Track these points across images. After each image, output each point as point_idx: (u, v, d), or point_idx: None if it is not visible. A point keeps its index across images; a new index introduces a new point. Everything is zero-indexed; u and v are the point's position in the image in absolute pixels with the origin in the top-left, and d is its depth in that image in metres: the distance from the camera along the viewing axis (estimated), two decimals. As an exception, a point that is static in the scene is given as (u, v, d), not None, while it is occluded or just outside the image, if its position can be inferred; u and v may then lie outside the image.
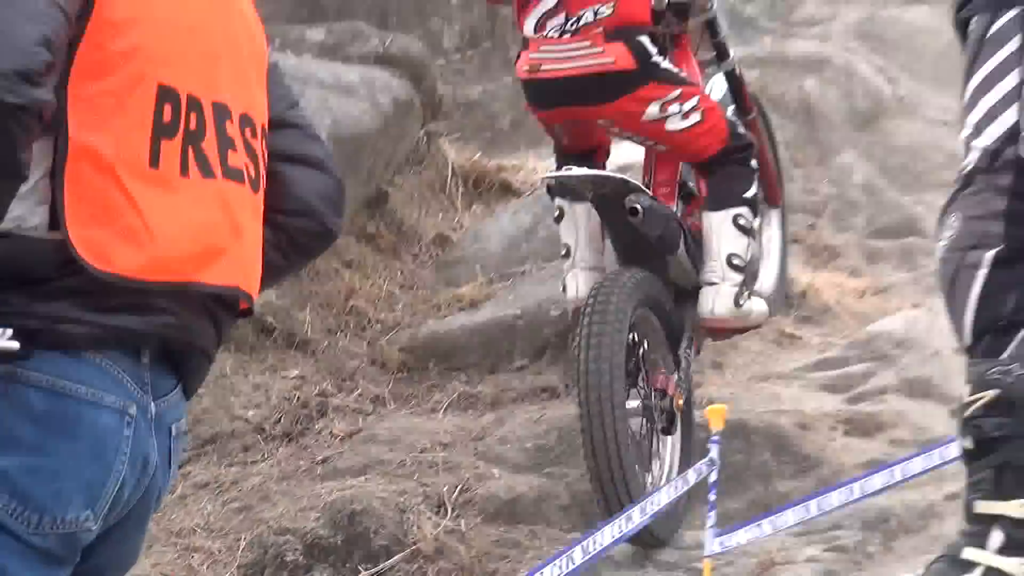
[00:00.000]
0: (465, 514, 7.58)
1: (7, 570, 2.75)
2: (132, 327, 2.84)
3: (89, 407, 2.78)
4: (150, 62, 2.86)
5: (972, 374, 3.59)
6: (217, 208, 2.97)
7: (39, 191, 2.74)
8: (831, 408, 8.48)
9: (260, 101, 3.22)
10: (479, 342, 9.25)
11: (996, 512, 3.55)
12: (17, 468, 2.72)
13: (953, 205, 3.73)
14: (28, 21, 2.57)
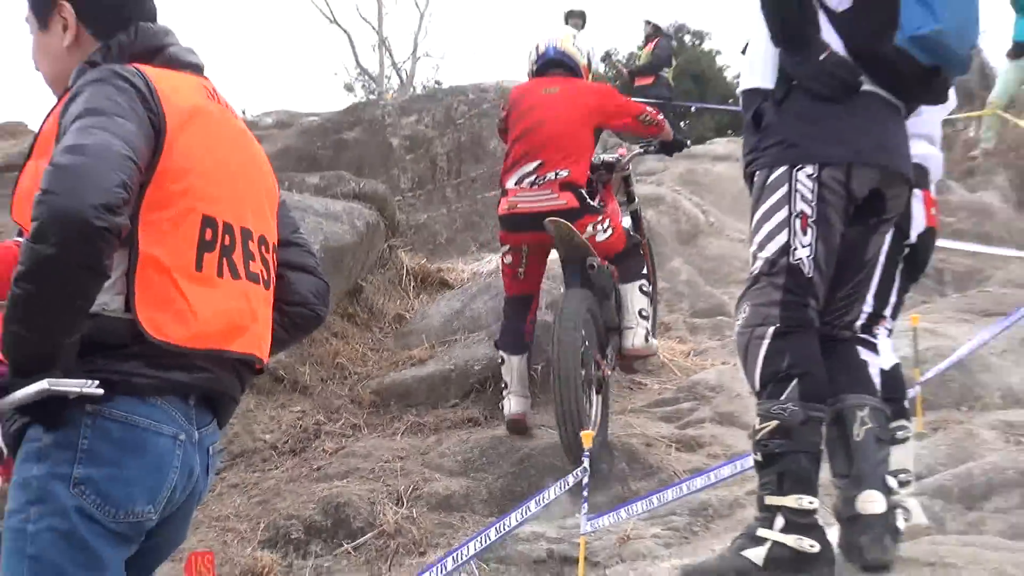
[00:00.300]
0: (416, 505, 7.60)
1: (94, 546, 2.77)
2: (182, 380, 2.90)
3: (152, 435, 2.84)
4: (197, 199, 2.92)
5: (760, 410, 3.84)
6: (242, 300, 3.04)
7: (117, 285, 2.78)
8: (667, 432, 8.52)
9: (272, 226, 3.28)
10: (425, 387, 9.27)
11: (779, 504, 3.81)
12: (102, 477, 2.76)
13: (745, 296, 3.98)
14: (113, 171, 2.61)
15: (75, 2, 3.12)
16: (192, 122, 2.98)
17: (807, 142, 3.96)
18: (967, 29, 3.97)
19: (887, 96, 4.03)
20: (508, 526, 5.80)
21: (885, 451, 4.15)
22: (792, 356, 3.88)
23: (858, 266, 4.18)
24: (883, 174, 4.03)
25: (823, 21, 3.97)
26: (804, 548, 3.76)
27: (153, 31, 3.18)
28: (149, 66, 3.02)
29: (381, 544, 7.29)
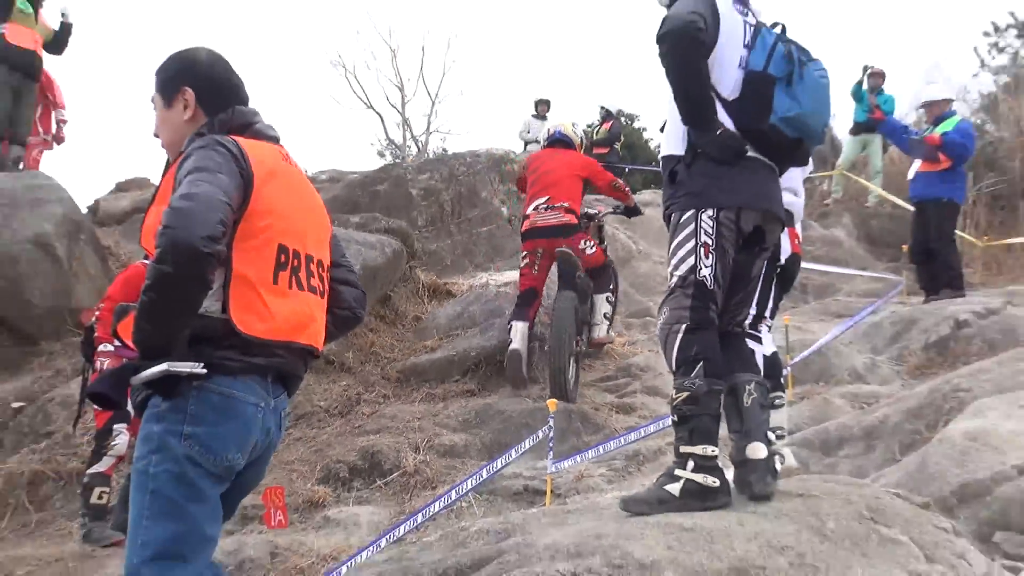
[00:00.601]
0: (429, 452, 7.61)
1: (199, 484, 2.83)
2: (262, 363, 2.96)
3: (240, 403, 2.91)
4: (275, 233, 2.99)
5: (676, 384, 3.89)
6: (305, 306, 3.09)
7: (217, 294, 2.84)
8: (609, 400, 8.57)
9: (326, 253, 3.32)
10: (435, 368, 9.27)
11: (690, 451, 3.83)
12: (204, 433, 2.82)
13: (664, 303, 4.07)
14: (214, 212, 2.69)
15: (196, 89, 3.21)
16: (272, 178, 3.04)
17: (708, 192, 4.00)
18: (821, 112, 4.03)
19: (765, 160, 4.09)
20: (495, 468, 5.81)
21: (766, 414, 4.19)
22: (699, 346, 3.92)
23: (745, 282, 4.22)
24: (763, 215, 4.09)
25: (719, 107, 4.02)
26: (708, 483, 3.81)
27: (244, 112, 3.25)
28: (242, 137, 3.08)
29: (404, 481, 7.29)
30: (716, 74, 4.02)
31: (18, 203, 10.04)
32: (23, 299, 9.65)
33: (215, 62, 3.31)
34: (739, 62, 4.03)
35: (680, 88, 3.99)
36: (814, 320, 11.15)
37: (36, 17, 11.53)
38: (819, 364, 8.82)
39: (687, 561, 3.18)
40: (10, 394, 8.85)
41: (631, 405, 8.43)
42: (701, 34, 3.89)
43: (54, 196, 10.40)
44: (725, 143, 3.96)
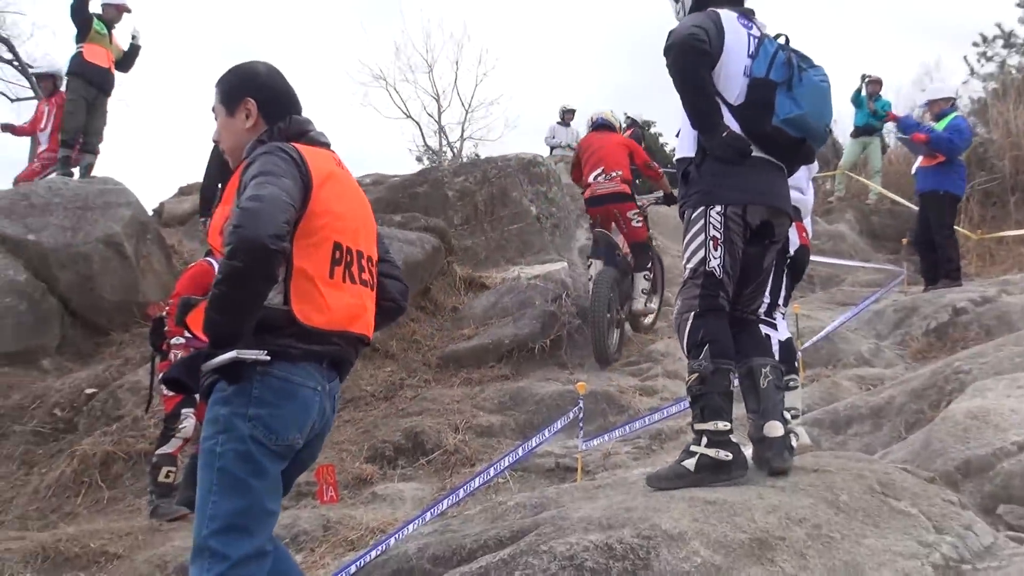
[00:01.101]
0: (467, 433, 7.63)
1: (262, 462, 2.84)
2: (319, 350, 2.96)
3: (300, 387, 2.91)
4: (330, 231, 3.00)
5: (689, 367, 3.88)
6: (357, 298, 3.09)
7: (279, 287, 2.84)
8: (633, 383, 8.49)
9: (374, 249, 3.31)
10: (472, 354, 9.29)
11: (703, 428, 3.84)
12: (267, 415, 2.84)
13: (679, 294, 4.12)
14: (280, 212, 2.73)
15: (258, 99, 3.22)
16: (328, 182, 3.06)
17: (716, 190, 4.02)
18: (822, 113, 4.05)
19: (772, 160, 4.09)
20: (530, 446, 5.79)
21: (781, 394, 4.18)
22: (705, 329, 3.93)
23: (757, 273, 4.20)
24: (769, 210, 4.08)
25: (725, 112, 4.03)
26: (720, 457, 3.79)
27: (300, 121, 3.26)
28: (299, 144, 3.10)
29: (445, 459, 7.31)
30: (722, 82, 4.05)
31: (90, 206, 10.22)
32: (95, 294, 9.82)
33: (274, 74, 3.33)
34: (744, 70, 4.05)
35: (686, 95, 4.04)
36: (821, 308, 11.06)
37: (110, 38, 11.75)
38: (827, 349, 8.76)
39: (712, 532, 3.15)
40: (83, 381, 8.93)
41: (653, 388, 8.37)
42: (702, 45, 3.94)
43: (123, 199, 10.57)
44: (730, 144, 3.97)
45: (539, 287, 10.19)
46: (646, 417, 6.55)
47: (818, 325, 9.26)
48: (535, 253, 12.68)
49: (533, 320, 9.45)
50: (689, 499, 3.46)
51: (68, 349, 9.71)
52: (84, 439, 7.99)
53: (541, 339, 9.32)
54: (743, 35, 4.09)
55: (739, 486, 3.71)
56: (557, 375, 8.67)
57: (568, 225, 14.11)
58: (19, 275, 9.49)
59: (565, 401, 7.74)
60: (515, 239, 12.93)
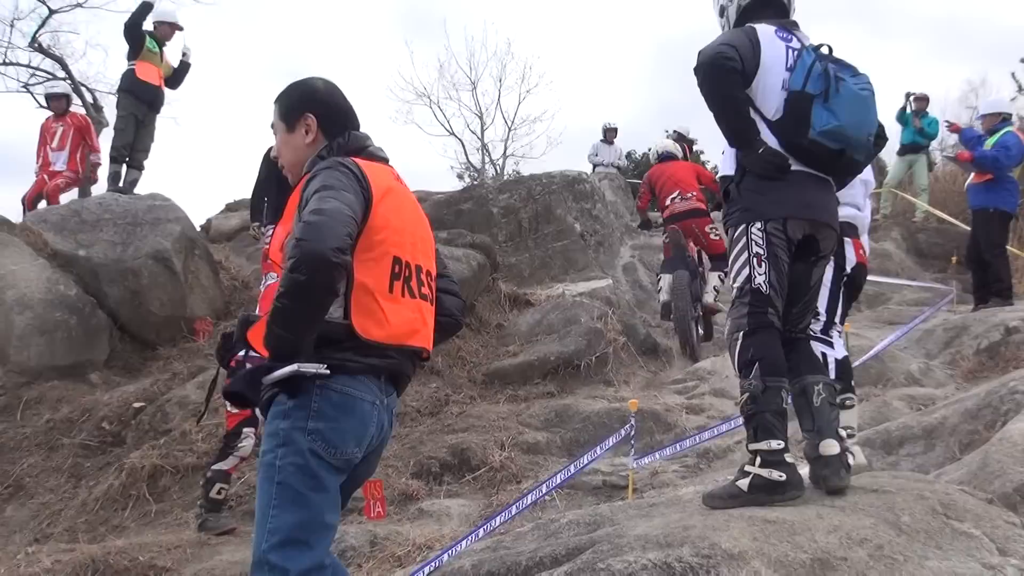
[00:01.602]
0: (513, 449, 7.60)
1: (321, 475, 2.85)
2: (378, 364, 2.96)
3: (359, 401, 2.92)
4: (390, 245, 3.01)
5: (741, 386, 3.84)
6: (417, 311, 3.09)
7: (339, 301, 2.85)
8: (680, 401, 8.43)
9: (433, 264, 3.31)
10: (518, 371, 9.26)
11: (756, 448, 3.77)
12: (326, 428, 2.84)
13: (729, 313, 4.06)
14: (343, 225, 2.74)
15: (317, 115, 3.26)
16: (387, 196, 3.07)
17: (756, 207, 4.01)
18: (862, 123, 3.99)
19: (815, 173, 4.05)
20: (582, 464, 5.76)
21: (835, 412, 4.11)
22: (755, 348, 3.89)
23: (805, 290, 4.17)
24: (811, 224, 4.04)
25: (763, 127, 4.02)
26: (774, 478, 3.73)
27: (359, 136, 3.30)
28: (358, 159, 3.12)
29: (491, 476, 7.29)
30: (760, 97, 4.05)
31: (139, 222, 10.34)
32: (144, 308, 9.93)
33: (333, 90, 3.36)
34: (782, 84, 4.02)
35: (718, 114, 4.04)
36: (869, 327, 10.95)
37: (161, 55, 11.87)
38: (877, 368, 8.65)
39: (772, 552, 3.09)
40: (132, 395, 8.99)
41: (700, 406, 8.33)
42: (729, 63, 3.93)
43: (172, 215, 10.68)
44: (767, 160, 3.95)
45: (584, 304, 10.22)
46: (696, 435, 6.49)
47: (867, 344, 9.14)
48: (579, 270, 12.70)
49: (579, 337, 9.43)
50: (748, 518, 3.41)
51: (116, 363, 9.80)
52: (132, 452, 8.03)
53: (587, 356, 9.29)
54: (781, 49, 4.06)
55: (798, 505, 3.65)
56: (603, 392, 8.66)
57: (612, 243, 14.11)
58: (70, 290, 9.61)
59: (612, 419, 7.72)
60: (559, 256, 12.95)
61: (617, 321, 9.78)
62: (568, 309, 10.17)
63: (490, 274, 11.12)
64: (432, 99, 31.15)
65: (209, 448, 7.67)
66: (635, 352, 9.81)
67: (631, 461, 5.96)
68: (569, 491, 6.77)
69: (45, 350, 9.27)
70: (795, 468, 3.83)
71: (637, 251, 14.85)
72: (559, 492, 6.64)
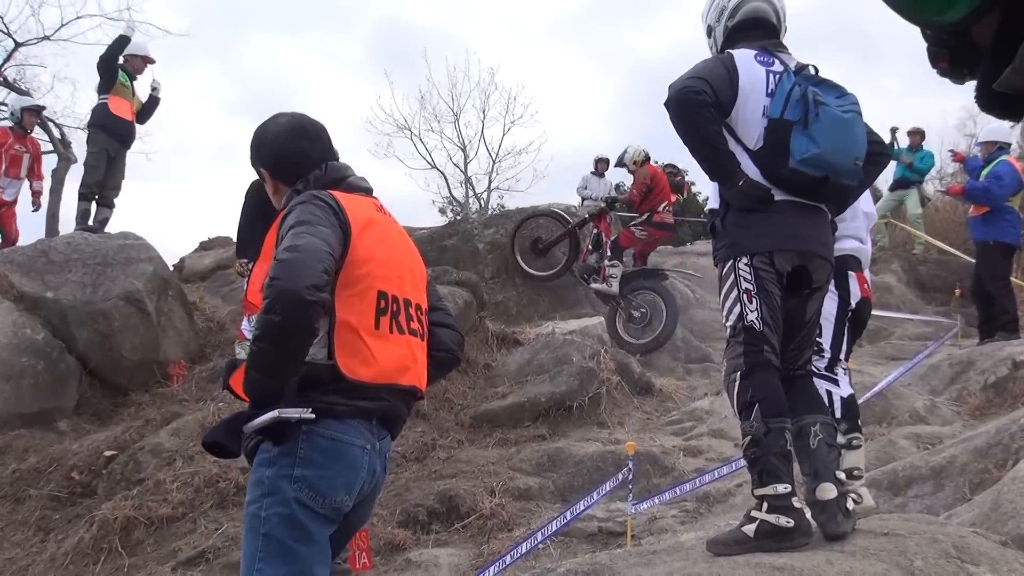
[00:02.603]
0: (504, 496, 7.50)
1: (308, 526, 2.82)
2: (367, 407, 2.94)
3: (348, 446, 2.89)
4: (373, 279, 3.00)
5: (742, 429, 3.85)
6: (406, 348, 3.08)
7: (322, 341, 2.86)
8: (677, 443, 8.39)
9: (423, 296, 3.30)
10: (507, 414, 9.17)
11: (763, 493, 3.77)
12: (314, 476, 2.82)
13: (724, 354, 4.08)
14: (318, 262, 2.72)
15: (267, 168, 3.36)
16: (368, 229, 3.06)
17: (741, 241, 4.04)
18: (845, 148, 3.98)
19: (801, 201, 4.05)
20: (578, 510, 5.74)
21: (835, 453, 4.13)
22: (753, 389, 3.90)
23: (800, 325, 4.17)
24: (800, 255, 4.06)
25: (744, 157, 4.05)
26: (782, 524, 3.73)
27: (337, 167, 3.32)
28: (337, 191, 3.13)
29: (481, 524, 7.20)
30: (741, 127, 4.09)
31: (110, 262, 10.29)
32: (115, 352, 9.83)
33: (282, 136, 3.35)
34: (762, 111, 4.05)
35: (692, 149, 4.09)
36: (871, 363, 10.98)
37: (132, 90, 11.88)
38: (880, 406, 8.65)
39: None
40: (103, 443, 8.90)
41: (698, 448, 8.30)
42: (698, 97, 3.98)
43: (144, 255, 10.62)
44: (747, 193, 3.98)
45: (575, 343, 10.15)
46: (696, 479, 6.49)
47: (869, 380, 9.16)
48: (569, 307, 12.70)
49: (570, 377, 9.36)
50: (755, 565, 3.40)
51: (86, 410, 9.71)
52: (103, 504, 7.93)
53: (579, 397, 9.21)
54: (760, 74, 4.09)
55: (806, 551, 3.64)
56: (597, 435, 8.60)
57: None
58: (37, 334, 9.51)
59: (607, 462, 7.68)
60: (548, 293, 12.96)
61: (610, 360, 9.74)
62: (559, 348, 10.11)
63: (477, 312, 11.10)
64: (413, 131, 31.34)
65: (184, 498, 7.59)
66: (629, 392, 9.76)
67: (629, 506, 5.95)
68: (563, 539, 6.72)
69: (11, 397, 9.17)
70: (803, 513, 3.83)
71: (629, 287, 14.76)
72: (553, 540, 6.59)
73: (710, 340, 13.03)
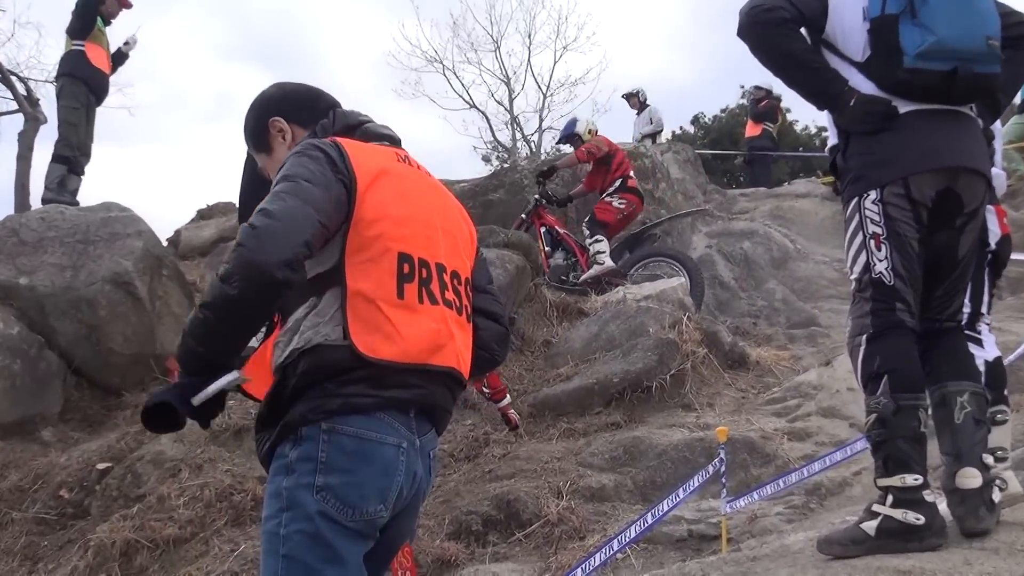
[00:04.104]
0: (573, 498, 7.53)
1: (336, 544, 2.78)
2: (401, 397, 2.89)
3: (378, 445, 2.83)
4: (390, 240, 2.93)
5: (867, 404, 3.79)
6: (440, 322, 3.00)
7: (336, 318, 2.84)
8: (779, 426, 8.36)
9: (466, 265, 3.26)
10: (572, 399, 9.19)
11: (887, 484, 3.74)
12: (339, 483, 2.77)
13: (849, 312, 3.98)
14: (296, 233, 2.69)
15: (282, 113, 3.33)
16: (380, 180, 3.01)
17: (866, 172, 3.98)
18: (969, 27, 3.87)
19: (933, 108, 3.97)
20: (661, 512, 5.74)
21: (983, 431, 4.06)
22: (882, 357, 3.85)
23: (952, 265, 4.10)
24: (944, 174, 3.96)
25: (853, 73, 4.02)
26: (909, 520, 3.70)
27: (347, 113, 3.33)
28: (349, 139, 3.11)
29: (547, 532, 7.22)
30: (842, 40, 4.06)
31: (92, 239, 10.29)
32: (104, 347, 9.87)
33: (285, 85, 3.47)
34: (863, 15, 4.00)
35: (783, 78, 4.09)
36: (1014, 319, 10.85)
37: (107, 37, 11.93)
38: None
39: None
40: (94, 454, 9.00)
41: (806, 430, 8.27)
42: (770, 15, 3.99)
43: (132, 229, 10.59)
44: (862, 111, 3.95)
45: (652, 310, 10.10)
46: (804, 468, 6.44)
47: (1012, 340, 9.05)
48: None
49: (647, 352, 9.36)
50: (876, 569, 3.40)
51: (73, 416, 9.81)
52: (99, 525, 8.03)
53: (659, 375, 9.18)
54: None
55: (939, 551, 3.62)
56: (682, 419, 8.59)
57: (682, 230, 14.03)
58: (11, 328, 9.57)
59: (695, 452, 7.69)
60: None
61: (695, 329, 9.68)
62: (632, 317, 10.07)
63: (532, 279, 11.14)
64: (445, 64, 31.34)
65: (193, 515, 7.69)
66: (719, 366, 9.71)
67: (723, 504, 5.93)
68: (646, 546, 6.75)
69: (-16, 404, 9.25)
70: (936, 509, 3.78)
71: (715, 239, 14.84)
72: (634, 548, 6.62)
73: (816, 299, 12.98)
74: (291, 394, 2.85)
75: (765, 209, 16.61)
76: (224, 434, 8.62)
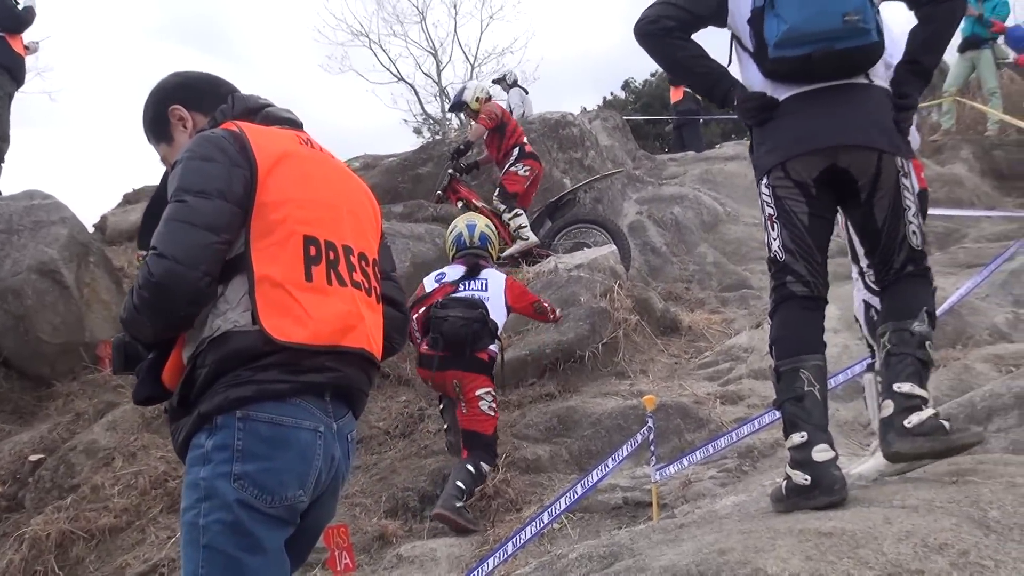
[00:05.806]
0: (509, 470, 7.62)
1: (255, 532, 2.80)
2: (316, 381, 2.94)
3: (295, 430, 2.88)
4: (295, 223, 2.99)
5: None
6: (350, 303, 3.06)
7: (243, 303, 2.88)
8: (711, 390, 8.43)
9: (372, 246, 3.33)
10: (507, 370, 8.97)
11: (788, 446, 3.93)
12: (255, 471, 2.80)
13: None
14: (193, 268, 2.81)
15: (181, 101, 3.38)
16: (281, 164, 3.06)
17: (759, 161, 4.18)
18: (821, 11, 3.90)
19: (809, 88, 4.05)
20: (591, 482, 5.77)
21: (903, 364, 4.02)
22: (773, 330, 4.07)
23: (875, 236, 4.16)
24: (819, 155, 4.03)
25: (748, 62, 4.17)
26: (798, 481, 3.82)
27: (246, 97, 3.36)
28: (250, 122, 3.15)
29: (483, 505, 7.29)
30: (742, 32, 4.19)
31: (15, 228, 10.23)
32: (32, 336, 9.81)
33: (181, 73, 3.51)
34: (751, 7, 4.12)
35: (679, 81, 4.35)
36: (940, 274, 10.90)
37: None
38: (953, 325, 8.65)
39: (831, 572, 3.09)
40: (26, 446, 8.94)
41: (738, 393, 8.33)
42: (655, 26, 4.19)
43: (56, 216, 10.54)
44: (743, 107, 4.12)
45: (584, 279, 10.06)
46: (733, 431, 6.49)
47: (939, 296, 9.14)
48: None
49: (579, 322, 9.35)
50: (798, 532, 3.41)
51: (4, 407, 9.76)
52: (33, 518, 7.99)
53: (592, 344, 9.18)
54: None
55: (861, 509, 3.66)
56: (616, 387, 8.61)
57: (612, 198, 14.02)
58: (-66, 321, 9.46)
59: (629, 420, 7.73)
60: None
61: (626, 296, 9.68)
62: (563, 287, 10.02)
63: (459, 253, 11.00)
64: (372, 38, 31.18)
65: (128, 504, 7.66)
66: (651, 333, 9.76)
67: (653, 472, 5.96)
68: (583, 515, 6.79)
69: (-90, 400, 9.16)
70: (827, 466, 3.81)
71: (645, 206, 14.83)
72: (571, 518, 6.66)
73: (747, 261, 13.05)
74: (203, 383, 2.87)
75: (695, 173, 16.66)
76: (156, 421, 8.57)
